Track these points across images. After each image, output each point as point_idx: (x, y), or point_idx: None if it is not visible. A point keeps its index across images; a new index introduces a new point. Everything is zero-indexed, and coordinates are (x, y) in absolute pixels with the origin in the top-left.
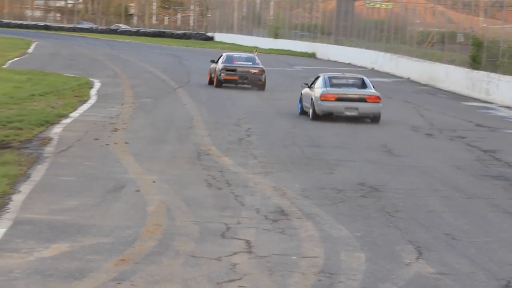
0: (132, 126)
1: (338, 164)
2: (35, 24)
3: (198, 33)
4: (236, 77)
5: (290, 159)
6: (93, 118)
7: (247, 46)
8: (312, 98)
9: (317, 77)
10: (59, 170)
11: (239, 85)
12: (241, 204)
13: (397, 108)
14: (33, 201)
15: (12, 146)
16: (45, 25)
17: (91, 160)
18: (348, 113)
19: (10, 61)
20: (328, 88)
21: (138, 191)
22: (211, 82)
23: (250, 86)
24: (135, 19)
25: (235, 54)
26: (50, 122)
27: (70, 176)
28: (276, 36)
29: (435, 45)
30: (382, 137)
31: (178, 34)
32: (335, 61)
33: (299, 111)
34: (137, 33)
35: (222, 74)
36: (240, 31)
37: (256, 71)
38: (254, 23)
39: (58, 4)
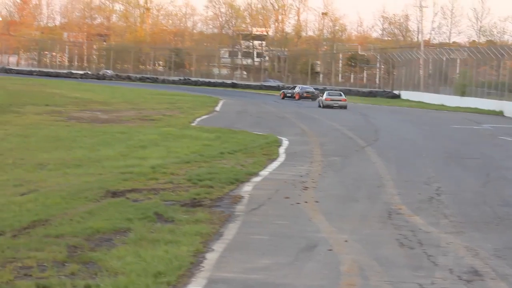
0: (321, 185)
1: None
2: (222, 82)
3: (384, 91)
4: (309, 95)
5: (482, 218)
6: (283, 177)
7: (433, 104)
8: (322, 100)
9: (324, 92)
10: (251, 229)
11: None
12: (434, 264)
13: None
14: (226, 260)
15: (203, 204)
16: (232, 82)
17: (283, 218)
18: (335, 105)
19: (199, 119)
20: (327, 96)
21: (330, 250)
22: (283, 97)
23: (315, 100)
24: (321, 77)
25: (306, 86)
26: (240, 180)
27: (262, 235)
28: (462, 94)
29: None
30: None
31: (364, 91)
32: None
33: (318, 106)
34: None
35: (304, 93)
36: (427, 89)
37: (316, 93)
38: (440, 80)
39: (244, 62)
